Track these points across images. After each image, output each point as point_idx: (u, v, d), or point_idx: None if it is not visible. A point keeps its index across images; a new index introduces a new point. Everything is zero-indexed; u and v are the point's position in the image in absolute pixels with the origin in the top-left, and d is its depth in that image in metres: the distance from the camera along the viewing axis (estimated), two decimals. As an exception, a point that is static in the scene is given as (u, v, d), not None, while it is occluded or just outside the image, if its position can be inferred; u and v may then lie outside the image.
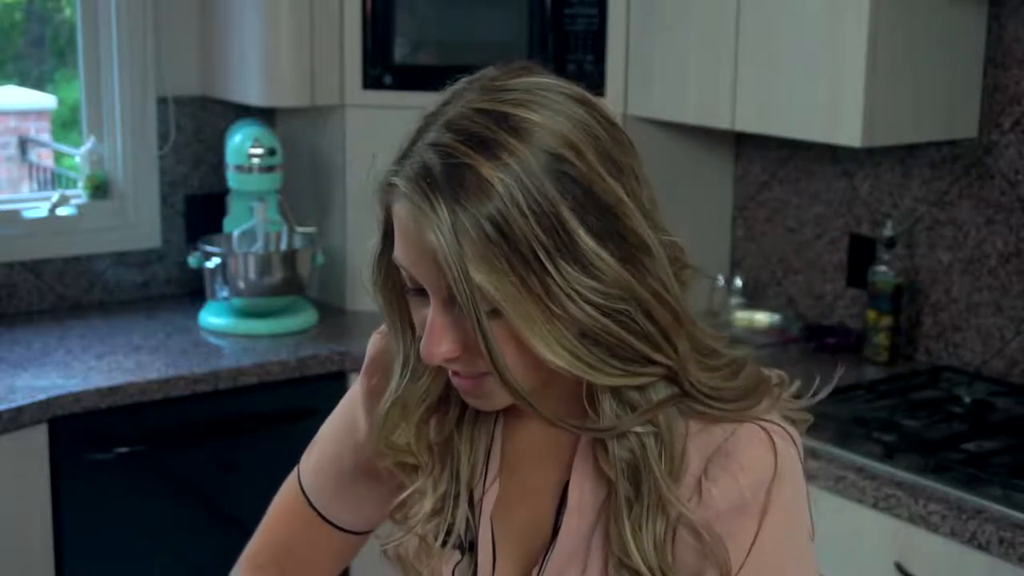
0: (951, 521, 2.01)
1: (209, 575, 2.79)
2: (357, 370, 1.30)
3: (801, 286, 3.00)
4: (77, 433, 2.56)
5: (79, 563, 2.60)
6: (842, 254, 2.90)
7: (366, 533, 1.34)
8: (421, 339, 1.06)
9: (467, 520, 1.18)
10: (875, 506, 2.11)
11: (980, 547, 1.97)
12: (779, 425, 1.09)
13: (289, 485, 1.34)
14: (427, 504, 1.17)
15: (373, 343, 1.26)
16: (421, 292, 1.05)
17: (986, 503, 2.02)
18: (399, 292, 1.10)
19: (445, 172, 0.99)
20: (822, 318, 2.95)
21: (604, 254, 1.01)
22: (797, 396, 1.14)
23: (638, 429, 1.07)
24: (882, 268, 2.72)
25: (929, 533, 2.04)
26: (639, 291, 1.03)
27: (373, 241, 1.10)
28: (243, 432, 2.77)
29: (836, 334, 2.85)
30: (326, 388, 2.73)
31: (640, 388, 1.06)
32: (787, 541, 1.09)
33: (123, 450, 2.62)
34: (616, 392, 1.07)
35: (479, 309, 0.99)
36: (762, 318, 2.94)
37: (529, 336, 1.00)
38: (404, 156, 1.03)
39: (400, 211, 1.02)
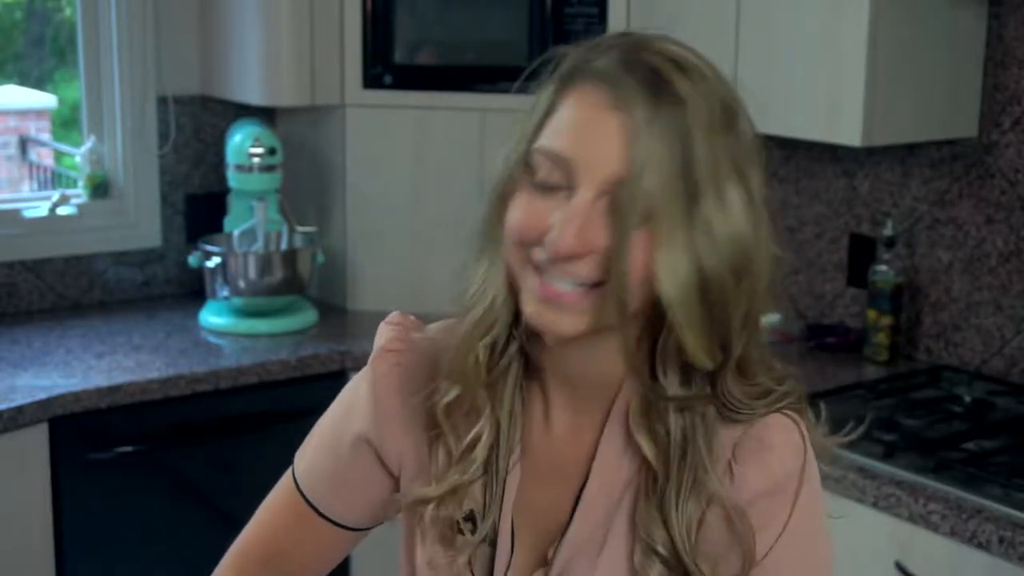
0: (951, 521, 2.01)
1: (209, 575, 2.81)
2: (357, 369, 1.29)
3: (801, 286, 3.00)
4: (77, 433, 2.56)
5: (79, 563, 2.60)
6: (842, 253, 2.90)
7: (362, 531, 1.31)
8: (516, 244, 1.05)
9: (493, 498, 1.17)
10: (875, 506, 2.11)
11: (980, 547, 1.97)
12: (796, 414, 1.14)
13: (284, 483, 1.31)
14: (480, 452, 1.14)
15: (381, 333, 1.24)
16: (550, 190, 1.04)
17: (986, 503, 2.02)
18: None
19: (647, 74, 1.02)
20: (822, 318, 2.95)
21: (739, 202, 1.03)
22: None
23: (696, 407, 1.09)
24: (882, 267, 2.72)
25: (929, 533, 2.04)
26: (754, 255, 1.05)
27: (509, 144, 1.08)
28: (243, 432, 2.77)
29: (836, 333, 2.85)
30: (326, 388, 2.68)
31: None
32: (813, 523, 1.13)
33: (123, 450, 2.62)
34: (684, 367, 1.08)
35: (636, 214, 1.00)
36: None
37: (662, 256, 1.01)
38: (597, 50, 1.05)
39: (587, 96, 1.03)
